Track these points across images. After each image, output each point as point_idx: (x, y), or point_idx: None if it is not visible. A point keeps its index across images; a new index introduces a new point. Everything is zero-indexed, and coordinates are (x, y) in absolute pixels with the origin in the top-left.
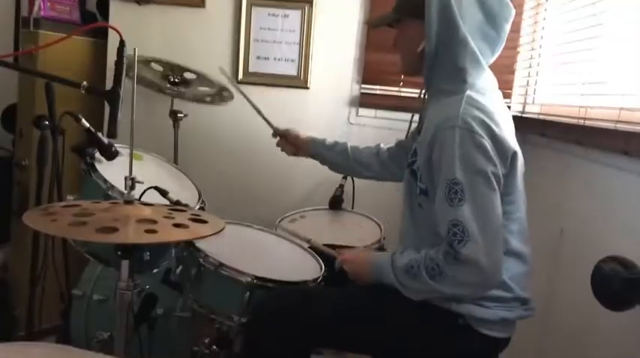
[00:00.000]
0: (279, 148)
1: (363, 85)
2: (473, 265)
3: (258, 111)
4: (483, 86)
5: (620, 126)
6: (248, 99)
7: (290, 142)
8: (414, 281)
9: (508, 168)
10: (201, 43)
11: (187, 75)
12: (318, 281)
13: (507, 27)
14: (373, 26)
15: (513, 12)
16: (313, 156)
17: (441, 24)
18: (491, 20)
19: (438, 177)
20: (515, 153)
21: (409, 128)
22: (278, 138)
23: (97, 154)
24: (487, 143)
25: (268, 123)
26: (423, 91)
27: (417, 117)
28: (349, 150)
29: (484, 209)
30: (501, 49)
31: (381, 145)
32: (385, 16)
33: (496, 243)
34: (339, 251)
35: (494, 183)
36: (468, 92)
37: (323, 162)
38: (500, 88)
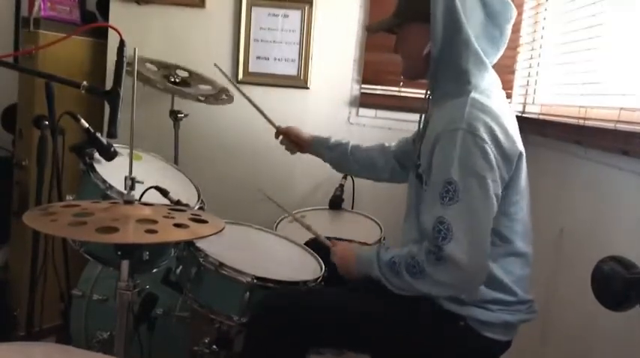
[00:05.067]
0: (283, 146)
1: (363, 85)
2: (453, 265)
3: (259, 110)
4: (487, 87)
5: (620, 126)
6: (247, 98)
7: (292, 141)
8: (395, 277)
9: (513, 171)
10: (201, 43)
11: (185, 74)
12: (318, 281)
13: (509, 27)
14: (373, 31)
15: (515, 12)
16: (315, 155)
17: (446, 26)
18: (493, 20)
19: (435, 173)
20: (520, 154)
21: (418, 130)
22: (280, 136)
23: (96, 155)
24: (489, 148)
25: (269, 121)
26: (428, 93)
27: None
28: (349, 151)
29: (474, 213)
30: (504, 48)
31: (385, 144)
32: (386, 21)
33: (480, 248)
34: (335, 242)
35: (491, 189)
36: (472, 94)
37: (324, 161)
38: None
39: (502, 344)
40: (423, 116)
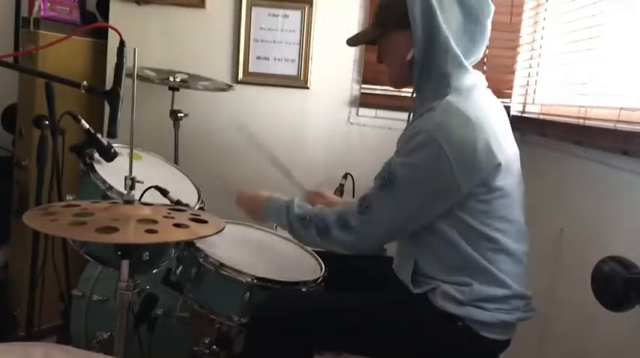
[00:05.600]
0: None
1: (363, 85)
2: (356, 234)
3: (287, 174)
4: (469, 88)
5: (620, 126)
6: (275, 162)
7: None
8: (302, 230)
9: (491, 178)
10: (201, 43)
11: (185, 76)
12: (318, 281)
13: (489, 22)
14: (353, 44)
15: (492, 8)
16: None
17: (425, 29)
18: (472, 18)
19: (391, 159)
20: (499, 165)
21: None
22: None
23: (96, 155)
24: (448, 158)
25: (298, 186)
26: (414, 95)
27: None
28: None
29: (393, 210)
30: (486, 44)
31: None
32: (368, 32)
33: (376, 239)
34: (240, 191)
35: (429, 199)
36: (448, 98)
37: None
38: (500, 88)
39: (501, 344)
40: (411, 115)
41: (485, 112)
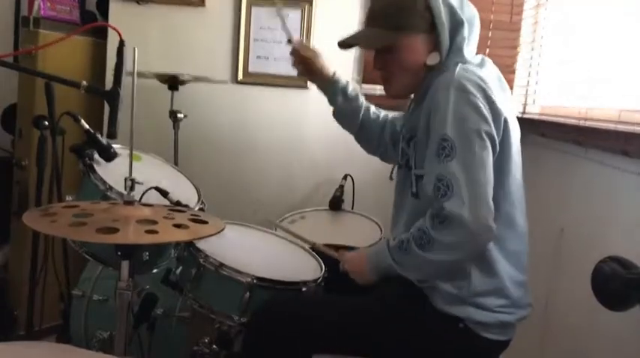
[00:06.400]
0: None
1: (363, 85)
2: (457, 222)
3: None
4: (478, 62)
5: (620, 127)
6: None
7: (306, 62)
8: (406, 256)
9: (502, 133)
10: (201, 42)
11: (184, 78)
12: (318, 281)
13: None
14: (348, 48)
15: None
16: (323, 92)
17: (450, 32)
18: (474, 23)
19: (431, 135)
20: (506, 120)
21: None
22: (292, 47)
23: (96, 156)
24: (481, 103)
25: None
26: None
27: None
28: (362, 114)
29: (472, 166)
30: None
31: (388, 116)
32: (379, 35)
33: (482, 201)
34: (342, 252)
35: (487, 141)
36: (461, 64)
37: (330, 104)
38: None
39: (501, 344)
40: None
41: (495, 84)
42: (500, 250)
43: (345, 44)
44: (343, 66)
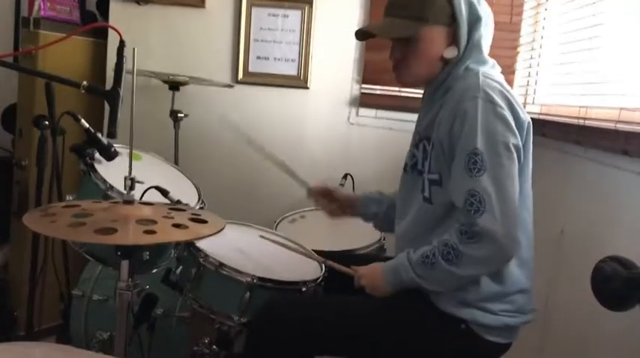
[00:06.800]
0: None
1: (363, 85)
2: (488, 238)
3: (288, 171)
4: (493, 64)
5: (620, 126)
6: (271, 158)
7: (330, 200)
8: (432, 271)
9: (524, 139)
10: (201, 42)
11: (185, 79)
12: (318, 281)
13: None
14: (365, 38)
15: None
16: (361, 216)
17: (469, 26)
18: (489, 19)
19: (458, 147)
20: (529, 124)
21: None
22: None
23: (97, 155)
24: (508, 114)
25: (299, 181)
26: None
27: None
28: (390, 202)
29: (502, 180)
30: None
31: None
32: (399, 24)
33: (512, 215)
34: (355, 268)
35: (514, 153)
36: (481, 68)
37: (367, 220)
38: None
39: (502, 347)
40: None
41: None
42: (515, 258)
43: (362, 34)
44: (343, 66)
